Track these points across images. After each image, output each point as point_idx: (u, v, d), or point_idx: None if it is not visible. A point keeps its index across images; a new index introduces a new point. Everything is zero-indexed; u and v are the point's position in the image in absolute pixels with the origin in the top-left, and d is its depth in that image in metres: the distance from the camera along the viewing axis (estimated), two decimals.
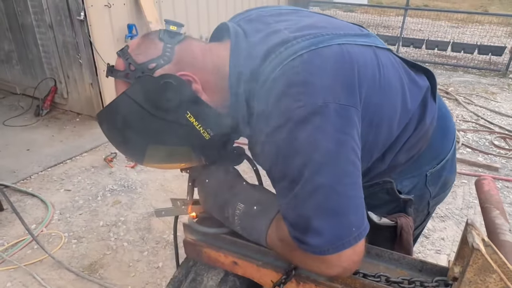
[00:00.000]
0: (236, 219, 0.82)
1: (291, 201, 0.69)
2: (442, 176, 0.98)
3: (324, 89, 0.66)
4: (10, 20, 4.05)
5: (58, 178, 2.85)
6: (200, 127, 0.77)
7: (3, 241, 2.18)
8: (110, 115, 0.76)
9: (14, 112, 4.04)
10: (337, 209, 0.67)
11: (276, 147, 0.68)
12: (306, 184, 0.66)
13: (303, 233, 0.68)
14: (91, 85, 3.74)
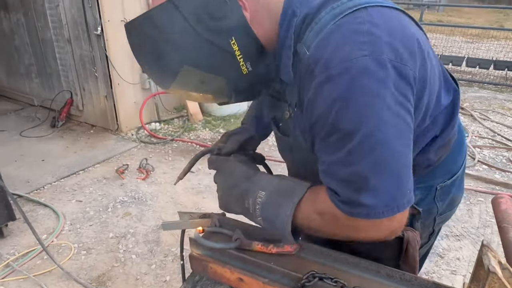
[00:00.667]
0: (257, 208, 0.79)
1: (344, 157, 0.64)
2: (451, 192, 0.95)
3: (388, 45, 0.62)
4: (31, 35, 4.19)
5: (70, 189, 2.88)
6: (241, 57, 0.70)
7: (14, 251, 2.20)
8: (147, 23, 0.67)
9: (31, 123, 4.14)
10: (395, 170, 0.64)
11: (330, 96, 0.63)
12: (364, 139, 0.62)
13: (356, 192, 0.64)
14: (106, 97, 3.82)
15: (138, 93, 4.00)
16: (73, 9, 3.57)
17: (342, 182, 0.66)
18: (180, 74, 0.70)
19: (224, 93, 0.77)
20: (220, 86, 0.74)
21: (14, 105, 4.69)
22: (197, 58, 0.69)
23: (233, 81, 0.73)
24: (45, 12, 3.81)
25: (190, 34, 0.67)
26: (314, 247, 0.87)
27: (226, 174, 0.89)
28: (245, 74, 0.72)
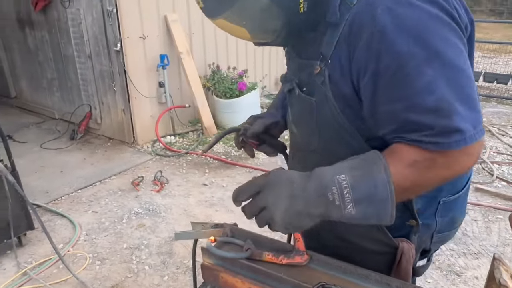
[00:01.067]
0: (346, 192, 0.67)
1: (425, 86, 0.64)
2: (452, 210, 0.93)
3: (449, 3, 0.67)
4: (54, 51, 4.36)
5: (87, 200, 2.95)
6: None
7: (31, 259, 2.25)
8: None
9: (51, 135, 4.27)
10: (472, 92, 0.66)
11: (395, 30, 0.64)
12: (440, 66, 0.63)
13: (447, 117, 0.63)
14: (123, 111, 3.92)
15: (154, 107, 4.10)
16: (95, 26, 3.71)
17: (432, 112, 0.64)
18: None
19: (273, 28, 0.76)
20: (273, 20, 0.74)
21: (36, 118, 4.85)
22: None
23: (288, 16, 0.73)
24: (68, 29, 3.97)
25: None
26: (323, 258, 0.87)
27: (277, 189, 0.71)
28: (300, 13, 0.73)
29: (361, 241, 0.90)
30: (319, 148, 0.86)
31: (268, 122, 1.06)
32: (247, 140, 1.08)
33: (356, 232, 0.89)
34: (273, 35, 0.78)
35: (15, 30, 4.71)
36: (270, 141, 1.08)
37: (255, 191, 0.73)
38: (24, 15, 4.48)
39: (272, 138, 1.09)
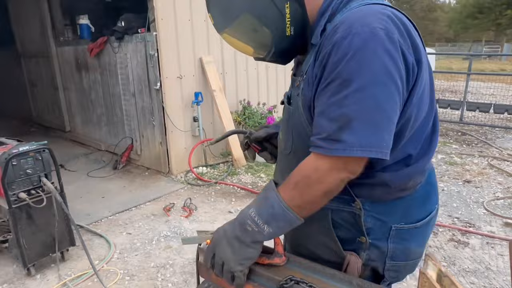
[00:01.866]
0: (256, 219, 0.88)
1: (340, 100, 0.77)
2: (406, 240, 0.97)
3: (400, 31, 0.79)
4: (104, 90, 4.92)
5: (123, 223, 3.23)
6: (288, 21, 0.89)
7: (71, 272, 2.51)
8: None
9: (97, 165, 4.72)
10: (377, 120, 0.77)
11: (346, 48, 0.77)
12: (360, 88, 0.75)
13: (339, 130, 0.77)
14: (161, 143, 4.28)
15: (188, 140, 4.43)
16: (139, 68, 4.20)
17: (331, 120, 0.79)
18: (240, 18, 0.88)
19: (266, 46, 0.93)
20: (265, 39, 0.91)
21: (85, 149, 5.39)
22: (257, 9, 0.87)
23: (277, 38, 0.90)
24: (117, 71, 4.51)
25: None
26: (299, 260, 1.02)
27: (218, 240, 0.94)
28: (287, 35, 0.90)
29: (312, 247, 1.04)
30: (291, 151, 1.02)
31: (271, 131, 1.24)
32: (251, 143, 1.26)
33: (311, 236, 1.04)
34: (265, 52, 0.95)
35: (73, 73, 5.38)
36: (271, 149, 1.26)
37: (211, 256, 0.96)
38: (82, 60, 5.13)
39: (272, 147, 1.25)
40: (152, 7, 3.84)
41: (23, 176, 2.32)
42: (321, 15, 0.90)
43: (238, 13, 0.88)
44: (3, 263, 2.64)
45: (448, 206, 3.42)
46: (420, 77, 0.84)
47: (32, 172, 2.35)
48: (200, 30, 4.30)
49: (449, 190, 3.78)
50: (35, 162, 2.37)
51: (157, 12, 3.84)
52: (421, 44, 0.86)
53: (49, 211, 2.43)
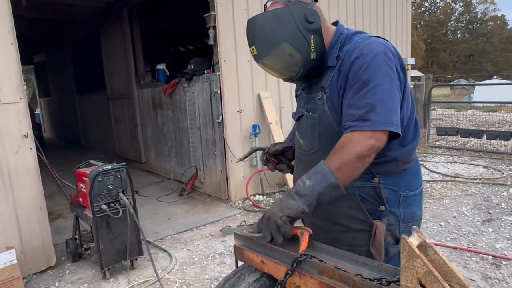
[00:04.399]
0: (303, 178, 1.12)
1: (363, 94, 1.11)
2: (410, 205, 1.29)
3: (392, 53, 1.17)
4: (174, 125, 5.54)
5: (184, 241, 3.55)
6: (313, 48, 1.22)
7: (137, 278, 2.85)
8: (271, 15, 1.20)
9: (166, 192, 5.22)
10: (390, 106, 1.11)
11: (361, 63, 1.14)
12: (375, 86, 1.11)
13: (367, 112, 1.09)
14: (221, 172, 4.65)
15: (246, 169, 4.75)
16: (204, 104, 4.71)
17: (359, 108, 1.11)
18: (280, 46, 1.20)
19: (296, 67, 1.24)
20: (297, 62, 1.23)
21: (156, 178, 5.99)
22: (293, 40, 1.20)
23: (304, 61, 1.23)
24: (186, 108, 5.09)
25: (293, 25, 1.20)
26: (317, 244, 1.19)
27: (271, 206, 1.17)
28: (312, 58, 1.23)
29: (346, 221, 1.28)
30: (318, 149, 1.31)
31: (285, 145, 1.55)
32: (269, 158, 1.56)
33: (343, 214, 1.28)
34: (295, 73, 1.26)
35: (150, 111, 6.16)
36: (285, 161, 1.56)
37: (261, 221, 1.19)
38: (157, 100, 5.88)
39: (286, 160, 1.55)
40: (217, 51, 4.38)
41: (105, 191, 2.78)
42: (332, 47, 1.27)
43: (279, 42, 1.20)
44: (84, 268, 3.08)
45: None
46: (406, 84, 1.22)
47: (112, 187, 2.81)
48: (258, 69, 4.70)
49: None
50: (115, 180, 2.83)
51: (221, 55, 4.36)
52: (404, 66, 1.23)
53: (123, 222, 2.84)
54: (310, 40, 1.21)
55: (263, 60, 1.25)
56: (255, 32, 1.23)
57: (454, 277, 0.85)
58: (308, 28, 1.20)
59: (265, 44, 1.22)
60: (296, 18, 1.19)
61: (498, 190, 4.57)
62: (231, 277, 1.29)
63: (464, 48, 43.87)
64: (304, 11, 1.20)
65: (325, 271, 1.03)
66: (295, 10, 1.20)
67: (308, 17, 1.20)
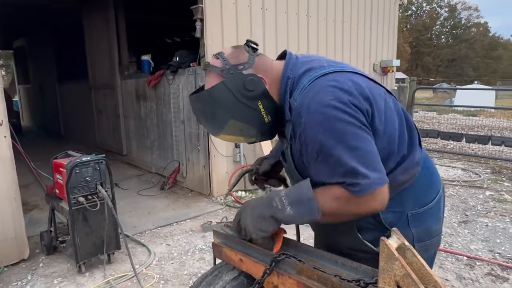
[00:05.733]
0: (284, 199, 1.06)
1: (337, 162, 0.98)
2: (424, 221, 1.16)
3: (346, 93, 1.00)
4: (158, 118, 5.44)
5: (163, 235, 3.50)
6: (264, 113, 1.11)
7: (114, 273, 2.79)
8: (208, 97, 1.09)
9: (147, 185, 5.14)
10: (371, 160, 0.99)
11: (315, 124, 1.00)
12: (345, 147, 0.98)
13: (354, 178, 0.97)
14: (204, 167, 4.60)
15: (230, 164, 4.71)
16: None
17: (343, 175, 0.99)
18: (227, 125, 1.12)
19: (253, 135, 1.16)
20: (251, 131, 1.14)
21: (138, 171, 5.89)
22: (238, 115, 1.10)
23: (260, 127, 1.14)
24: (170, 101, 5.01)
25: (234, 101, 1.09)
26: (298, 244, 1.18)
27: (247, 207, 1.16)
28: (267, 122, 1.13)
29: (352, 252, 1.17)
30: None
31: (273, 161, 1.45)
32: (258, 177, 1.47)
33: (346, 246, 1.19)
34: (256, 138, 1.18)
35: (133, 102, 6.03)
36: (275, 176, 1.46)
37: (237, 220, 1.18)
38: (141, 91, 5.76)
39: (276, 174, 1.46)
40: (204, 44, 4.31)
41: (83, 183, 2.70)
42: (283, 97, 1.13)
43: (224, 122, 1.12)
44: (59, 261, 3.00)
45: (490, 241, 3.26)
46: (375, 109, 1.05)
47: (91, 179, 2.73)
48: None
49: (494, 226, 3.60)
50: (93, 172, 2.75)
51: (207, 48, 4.29)
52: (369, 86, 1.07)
53: (101, 215, 2.76)
54: (258, 107, 1.10)
55: (218, 137, 1.19)
56: (198, 115, 1.17)
57: (431, 280, 0.85)
58: (251, 96, 1.09)
59: (211, 126, 1.16)
60: (235, 92, 1.08)
61: (475, 192, 4.69)
62: (209, 275, 1.27)
63: (447, 53, 44.84)
64: (242, 80, 1.08)
65: (303, 271, 1.02)
66: (231, 83, 1.08)
67: (248, 86, 1.08)
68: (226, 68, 1.10)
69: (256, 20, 4.76)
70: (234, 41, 4.56)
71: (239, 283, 1.20)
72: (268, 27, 4.92)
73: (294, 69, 1.13)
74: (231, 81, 1.09)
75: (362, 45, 6.47)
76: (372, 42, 6.69)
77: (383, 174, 1.00)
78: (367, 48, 6.61)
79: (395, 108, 1.13)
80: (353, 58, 6.28)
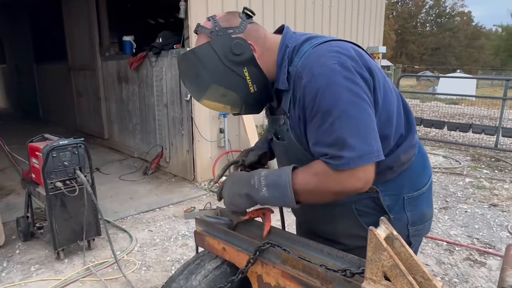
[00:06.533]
0: (262, 179, 1.04)
1: (328, 128, 0.93)
2: (418, 205, 1.16)
3: (349, 58, 0.96)
4: (140, 101, 5.30)
5: (146, 221, 3.44)
6: (250, 81, 1.05)
7: (94, 260, 2.73)
8: (193, 55, 1.05)
9: (129, 170, 5.04)
10: (364, 134, 0.93)
11: (316, 88, 0.94)
12: (340, 115, 0.91)
13: (339, 149, 0.91)
14: (188, 151, 4.52)
15: (214, 149, 4.65)
16: (172, 81, 4.52)
17: (329, 145, 0.94)
18: (209, 89, 1.06)
19: (237, 105, 1.10)
20: (235, 99, 1.08)
21: (120, 156, 5.76)
22: (221, 79, 1.05)
23: (244, 96, 1.08)
24: (153, 84, 4.87)
25: (219, 63, 1.04)
26: (283, 232, 1.14)
27: (230, 179, 1.18)
28: (252, 92, 1.07)
29: (347, 241, 1.14)
30: None
31: (259, 153, 1.38)
32: (244, 169, 1.40)
33: (343, 233, 1.16)
34: (240, 109, 1.12)
35: (115, 84, 5.85)
36: (261, 167, 1.38)
37: (220, 189, 1.19)
38: (122, 73, 5.58)
39: (262, 166, 1.39)
40: (188, 25, 4.18)
41: (61, 167, 2.60)
42: (279, 67, 1.08)
43: (206, 85, 1.06)
44: (37, 247, 2.91)
45: (469, 227, 3.34)
46: (376, 81, 1.00)
47: (69, 164, 2.63)
48: None
49: (473, 212, 3.68)
50: (72, 156, 2.64)
51: (191, 30, 4.16)
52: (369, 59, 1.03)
53: (80, 201, 2.68)
54: (243, 74, 1.05)
55: (201, 103, 1.13)
56: (182, 76, 1.13)
57: (418, 270, 0.83)
58: (237, 61, 1.04)
59: (194, 89, 1.11)
60: (220, 54, 1.03)
61: (455, 179, 4.79)
62: (191, 264, 1.23)
63: (431, 41, 45.29)
64: (228, 43, 1.04)
65: (288, 261, 0.98)
66: (217, 44, 1.04)
67: (234, 49, 1.03)
68: (215, 30, 1.05)
69: (241, 0, 4.64)
70: None
71: (222, 272, 1.17)
72: (255, 8, 4.78)
73: (294, 38, 1.10)
74: (217, 43, 1.04)
75: (349, 30, 6.42)
76: (359, 28, 6.64)
77: (375, 150, 0.94)
78: (354, 34, 6.56)
79: (392, 87, 1.11)
80: None
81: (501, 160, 5.79)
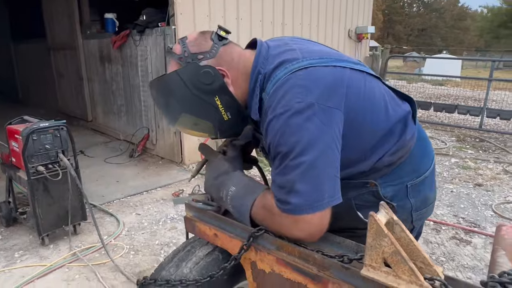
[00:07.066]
0: (228, 198, 1.05)
1: (282, 170, 0.91)
2: (421, 191, 1.13)
3: (317, 93, 0.91)
4: (124, 81, 5.13)
5: (133, 205, 3.38)
6: (222, 109, 1.03)
7: (81, 244, 2.67)
8: (161, 84, 1.04)
9: (114, 153, 4.92)
10: (315, 179, 0.89)
11: (276, 129, 0.92)
12: (294, 158, 0.89)
13: (287, 193, 0.90)
14: (175, 133, 4.43)
15: None
16: (157, 60, 4.37)
17: (278, 187, 0.92)
18: (180, 118, 1.05)
19: (212, 132, 1.09)
20: (208, 127, 1.07)
21: (105, 138, 5.62)
22: (192, 108, 1.03)
23: (218, 124, 1.06)
24: (137, 63, 4.70)
25: (188, 93, 1.01)
26: None
27: (213, 166, 1.17)
28: (226, 120, 1.05)
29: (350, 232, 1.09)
30: None
31: (243, 143, 1.31)
32: None
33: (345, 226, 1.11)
34: (216, 136, 1.10)
35: (97, 64, 5.64)
36: (245, 158, 1.32)
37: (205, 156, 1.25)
38: (105, 52, 5.38)
39: (246, 155, 1.32)
40: (173, 2, 4.00)
41: (42, 151, 2.50)
42: (251, 96, 1.04)
43: (177, 114, 1.05)
44: (20, 233, 2.83)
45: (454, 207, 3.39)
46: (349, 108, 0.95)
47: (51, 147, 2.52)
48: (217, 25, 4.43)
49: (458, 192, 3.75)
50: (53, 139, 2.54)
51: (177, 7, 4.00)
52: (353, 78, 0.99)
53: (64, 185, 2.59)
54: (215, 103, 1.02)
55: (176, 127, 1.12)
56: (154, 102, 1.13)
57: (419, 255, 0.80)
58: (207, 90, 1.00)
59: (166, 116, 1.10)
60: (188, 84, 0.99)
61: (441, 159, 4.85)
62: (181, 250, 1.19)
63: (418, 22, 45.23)
64: (197, 72, 0.99)
65: (283, 247, 0.95)
66: (185, 74, 1.00)
67: (203, 78, 0.99)
68: (184, 56, 1.02)
69: None
70: (206, 0, 4.27)
71: (214, 258, 1.13)
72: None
73: (267, 61, 1.03)
74: (185, 72, 1.01)
75: (338, 10, 6.30)
76: (348, 7, 6.52)
77: (326, 197, 0.89)
78: (343, 14, 6.45)
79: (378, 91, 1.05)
80: (328, 24, 6.12)
81: (485, 141, 5.89)
